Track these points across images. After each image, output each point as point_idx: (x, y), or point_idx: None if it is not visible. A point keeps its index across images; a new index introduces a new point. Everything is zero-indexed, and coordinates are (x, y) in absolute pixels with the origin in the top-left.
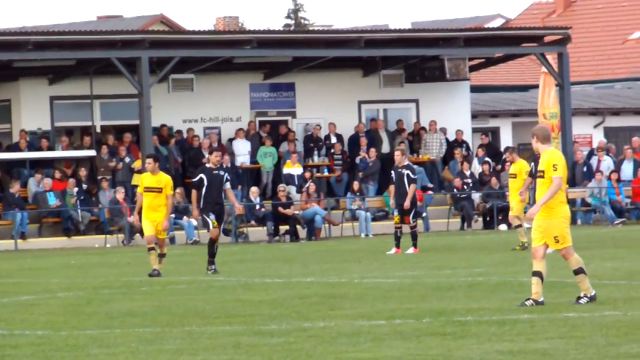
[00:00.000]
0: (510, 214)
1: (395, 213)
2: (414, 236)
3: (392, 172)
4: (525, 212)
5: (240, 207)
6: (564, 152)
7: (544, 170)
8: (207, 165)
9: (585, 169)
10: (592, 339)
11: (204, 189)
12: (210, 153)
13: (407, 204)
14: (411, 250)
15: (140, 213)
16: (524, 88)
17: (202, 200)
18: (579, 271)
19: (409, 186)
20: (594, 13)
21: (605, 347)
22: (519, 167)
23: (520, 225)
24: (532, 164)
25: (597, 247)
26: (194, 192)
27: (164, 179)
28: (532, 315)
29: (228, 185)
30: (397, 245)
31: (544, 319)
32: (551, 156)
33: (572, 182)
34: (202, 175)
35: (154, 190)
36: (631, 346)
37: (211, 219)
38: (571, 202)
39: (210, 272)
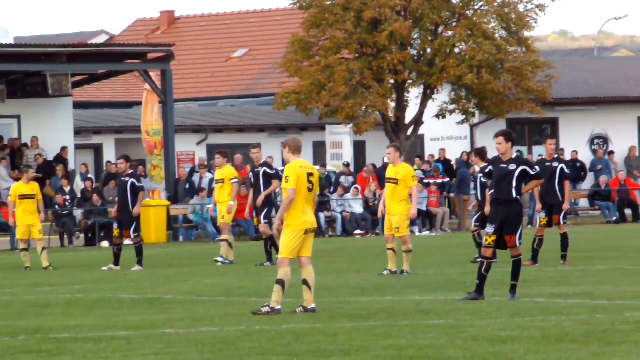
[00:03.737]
0: None
1: None
2: None
3: None
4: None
5: None
6: (167, 169)
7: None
8: None
9: (187, 185)
10: (187, 355)
11: None
12: None
13: None
14: None
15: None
16: (128, 105)
17: None
18: (279, 282)
19: None
20: (198, 31)
21: None
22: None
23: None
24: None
25: (198, 264)
26: None
27: None
28: (129, 332)
29: None
30: None
31: (140, 335)
32: (287, 168)
33: (174, 199)
34: None
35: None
36: None
37: None
38: (174, 219)
39: None
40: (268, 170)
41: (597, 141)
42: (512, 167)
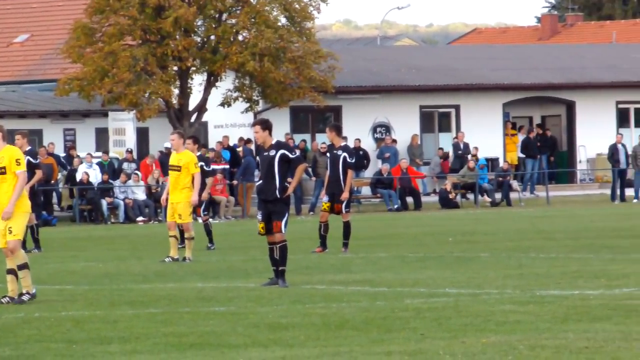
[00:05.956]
0: None
1: None
2: None
3: None
4: None
5: None
6: None
7: (5, 167)
8: None
9: None
10: None
11: None
12: None
13: None
14: None
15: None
16: None
17: None
18: (23, 266)
19: None
20: None
21: None
22: None
23: None
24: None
25: None
26: None
27: None
28: None
29: None
30: None
31: None
32: (13, 152)
33: None
34: None
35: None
36: None
37: None
38: None
39: None
40: (347, 157)
41: (380, 129)
42: (272, 153)
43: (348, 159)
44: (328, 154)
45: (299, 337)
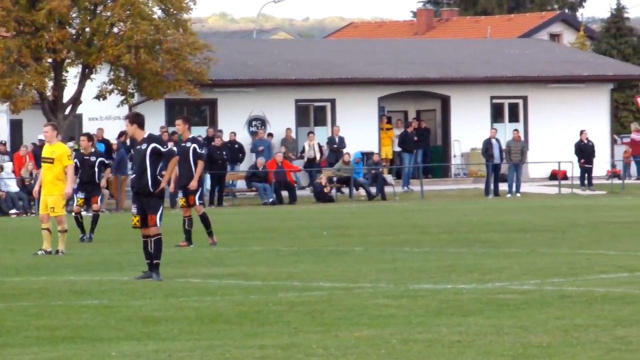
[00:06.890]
0: None
1: None
2: None
3: None
4: None
5: None
6: None
7: None
8: None
9: None
10: None
11: None
12: None
13: None
14: None
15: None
16: None
17: None
18: None
19: None
20: None
21: None
22: None
23: None
24: None
25: None
26: None
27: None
28: None
29: None
30: None
31: None
32: None
33: None
34: None
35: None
36: None
37: None
38: None
39: None
40: (197, 148)
41: (255, 123)
42: (144, 146)
43: (198, 150)
44: (175, 148)
45: (172, 331)
